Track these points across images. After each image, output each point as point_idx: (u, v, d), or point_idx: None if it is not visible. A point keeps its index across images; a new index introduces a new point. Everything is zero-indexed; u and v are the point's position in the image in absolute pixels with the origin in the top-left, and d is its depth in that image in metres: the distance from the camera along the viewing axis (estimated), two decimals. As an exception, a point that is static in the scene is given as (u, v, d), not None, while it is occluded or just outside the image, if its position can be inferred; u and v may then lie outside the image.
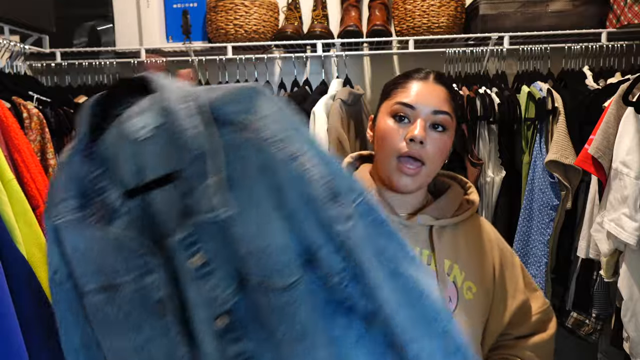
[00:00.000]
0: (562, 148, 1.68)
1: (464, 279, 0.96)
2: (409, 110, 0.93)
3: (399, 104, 0.94)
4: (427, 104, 0.93)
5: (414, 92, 0.95)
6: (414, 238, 0.96)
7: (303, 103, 1.81)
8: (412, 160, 0.93)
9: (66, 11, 2.00)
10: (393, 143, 0.93)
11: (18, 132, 1.22)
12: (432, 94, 0.95)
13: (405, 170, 0.93)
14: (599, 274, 1.60)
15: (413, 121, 0.93)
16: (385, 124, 0.96)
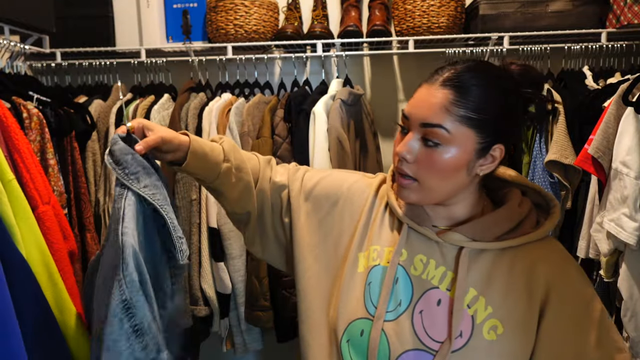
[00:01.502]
0: (562, 148, 1.68)
1: (489, 316, 0.82)
2: (406, 120, 0.84)
3: (402, 114, 0.86)
4: (418, 114, 0.81)
5: (414, 100, 0.84)
6: (442, 257, 0.86)
7: (303, 103, 1.81)
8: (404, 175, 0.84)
9: (66, 11, 2.00)
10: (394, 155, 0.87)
11: (18, 132, 1.22)
12: (427, 102, 0.81)
13: (400, 182, 0.85)
14: (599, 274, 1.60)
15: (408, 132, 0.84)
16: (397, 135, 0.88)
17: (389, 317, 0.85)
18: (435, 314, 0.84)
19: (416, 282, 0.87)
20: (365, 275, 0.89)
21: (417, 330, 0.84)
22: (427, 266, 0.87)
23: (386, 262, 0.89)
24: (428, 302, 0.85)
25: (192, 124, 1.82)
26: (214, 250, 1.78)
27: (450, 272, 0.85)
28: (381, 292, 0.86)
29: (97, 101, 1.88)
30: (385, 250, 0.90)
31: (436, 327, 0.83)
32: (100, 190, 1.80)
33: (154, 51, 2.07)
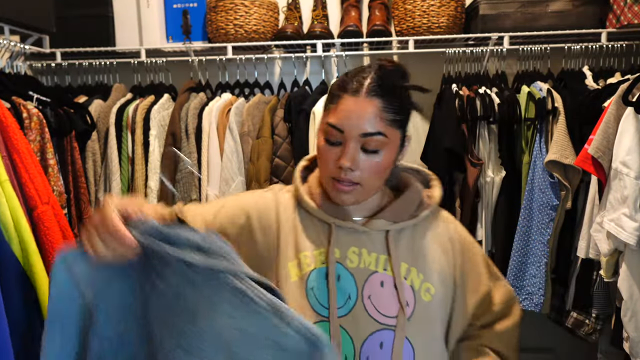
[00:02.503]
0: (562, 148, 1.68)
1: (423, 281, 0.95)
2: (337, 133, 0.88)
3: (329, 126, 0.89)
4: (356, 125, 0.87)
5: (343, 112, 0.88)
6: (371, 244, 0.95)
7: (303, 103, 1.81)
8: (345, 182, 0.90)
9: (66, 11, 2.00)
10: (327, 165, 0.91)
11: (17, 133, 1.22)
12: (362, 113, 0.87)
13: (340, 188, 0.90)
14: (599, 274, 1.60)
15: (344, 143, 0.88)
16: (319, 143, 0.92)
17: (342, 313, 0.91)
18: (382, 294, 0.93)
19: (356, 273, 0.93)
20: (303, 283, 0.93)
21: (371, 314, 0.91)
22: (361, 256, 0.94)
23: (320, 263, 0.93)
24: (372, 286, 0.93)
25: (192, 124, 1.82)
26: (213, 250, 1.78)
27: (383, 255, 0.95)
28: (329, 293, 0.91)
29: (97, 101, 1.88)
30: (315, 253, 0.94)
31: (386, 305, 0.92)
32: (100, 190, 1.80)
33: (154, 51, 2.07)
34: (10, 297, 0.93)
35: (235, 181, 1.77)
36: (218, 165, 1.79)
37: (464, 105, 1.80)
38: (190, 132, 1.81)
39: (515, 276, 1.79)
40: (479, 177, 1.79)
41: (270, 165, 1.76)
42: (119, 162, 1.80)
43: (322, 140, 0.91)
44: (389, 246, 0.95)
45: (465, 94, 1.84)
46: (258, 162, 1.76)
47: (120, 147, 1.81)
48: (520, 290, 1.79)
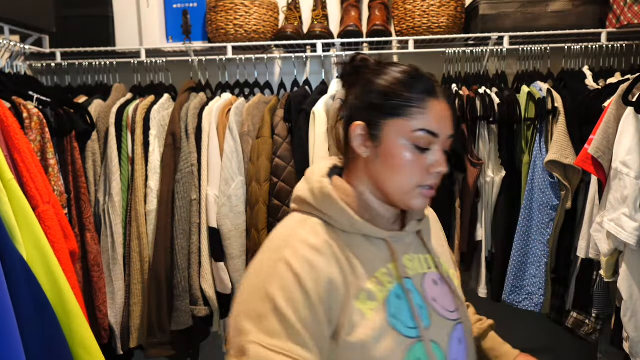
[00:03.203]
0: (562, 148, 1.68)
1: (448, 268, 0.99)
2: (432, 138, 0.85)
3: (424, 132, 0.84)
4: (447, 129, 0.87)
5: (437, 117, 0.85)
6: (411, 247, 0.94)
7: (303, 103, 1.81)
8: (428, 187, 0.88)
9: (66, 11, 2.00)
10: (414, 176, 0.86)
11: (18, 132, 1.22)
12: (449, 117, 0.87)
13: (427, 194, 0.88)
14: (599, 274, 1.60)
15: (434, 148, 0.86)
16: (402, 154, 0.85)
17: (425, 326, 0.86)
18: (441, 293, 0.93)
19: (416, 280, 0.91)
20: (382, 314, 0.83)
21: (443, 315, 0.91)
22: (413, 262, 0.93)
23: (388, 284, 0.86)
24: (430, 288, 0.92)
25: (192, 124, 1.82)
26: (214, 250, 1.79)
27: (422, 254, 0.95)
28: (412, 313, 0.86)
29: (97, 101, 1.88)
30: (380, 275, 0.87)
31: (447, 301, 0.93)
32: (100, 190, 1.80)
33: (154, 51, 2.07)
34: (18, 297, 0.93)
35: (235, 181, 1.77)
36: (218, 165, 1.79)
37: (464, 105, 1.80)
38: (190, 132, 1.81)
39: (515, 276, 1.79)
40: (479, 177, 1.79)
41: (270, 165, 1.76)
42: (119, 162, 1.80)
43: (407, 149, 0.85)
44: (426, 245, 0.96)
45: (465, 94, 1.84)
46: (258, 162, 1.76)
47: (120, 147, 1.81)
48: (520, 290, 1.80)
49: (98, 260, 1.72)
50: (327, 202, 0.88)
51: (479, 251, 1.88)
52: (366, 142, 0.89)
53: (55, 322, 1.02)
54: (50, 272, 1.06)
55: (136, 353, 1.90)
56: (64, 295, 1.07)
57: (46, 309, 1.01)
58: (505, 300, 1.82)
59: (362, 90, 0.90)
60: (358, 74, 0.92)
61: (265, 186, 1.75)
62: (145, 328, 1.76)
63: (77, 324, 1.07)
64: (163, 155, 1.80)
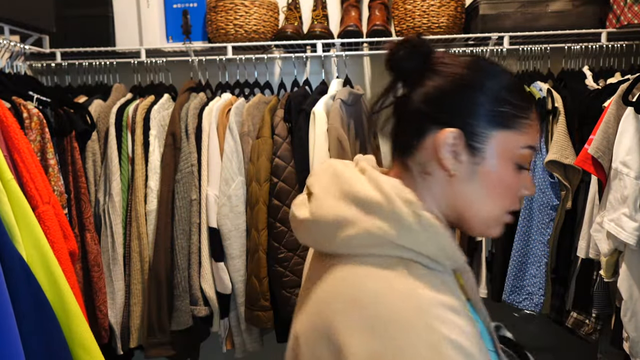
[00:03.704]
0: (562, 148, 1.68)
1: None
2: (532, 155, 0.72)
3: (530, 149, 0.71)
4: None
5: (536, 131, 0.72)
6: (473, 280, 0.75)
7: (303, 103, 1.81)
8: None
9: (66, 11, 2.00)
10: (511, 197, 0.72)
11: (18, 132, 1.22)
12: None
13: (508, 220, 0.73)
14: (599, 274, 1.60)
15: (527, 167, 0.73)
16: (507, 172, 0.70)
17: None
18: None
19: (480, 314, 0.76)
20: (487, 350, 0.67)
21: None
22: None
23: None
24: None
25: (192, 124, 1.82)
26: (214, 250, 1.79)
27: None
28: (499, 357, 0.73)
29: (97, 101, 1.88)
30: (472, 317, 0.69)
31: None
32: (100, 190, 1.80)
33: (154, 51, 2.07)
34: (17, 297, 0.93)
35: (235, 181, 1.77)
36: (218, 165, 1.79)
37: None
38: (190, 132, 1.81)
39: (515, 276, 1.79)
40: (479, 177, 1.79)
41: (270, 165, 1.76)
42: (119, 162, 1.80)
43: (512, 168, 0.70)
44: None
45: (465, 94, 1.84)
46: (258, 162, 1.76)
47: (120, 147, 1.81)
48: (520, 290, 1.80)
49: (98, 260, 1.72)
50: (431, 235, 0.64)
51: (479, 251, 1.88)
52: (461, 156, 0.69)
53: (54, 322, 1.02)
54: (49, 272, 1.06)
55: (136, 353, 1.90)
56: (64, 295, 1.07)
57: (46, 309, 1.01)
58: (505, 300, 1.82)
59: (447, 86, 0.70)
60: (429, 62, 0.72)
61: (265, 186, 1.75)
62: (145, 328, 1.76)
63: (76, 324, 1.07)
64: (163, 155, 1.80)
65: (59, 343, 1.02)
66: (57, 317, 1.04)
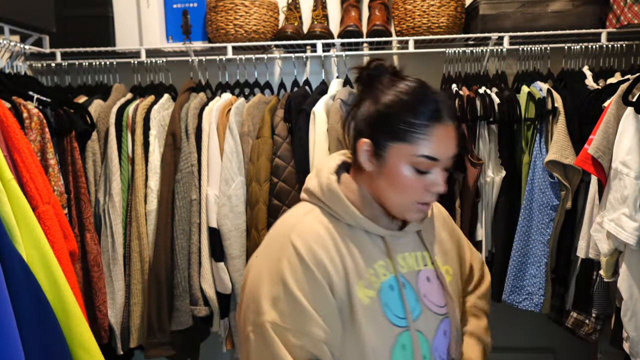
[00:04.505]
0: (561, 148, 1.68)
1: (443, 264, 1.06)
2: (431, 162, 0.91)
3: (425, 158, 0.90)
4: (449, 153, 0.92)
5: (439, 143, 0.90)
6: (410, 245, 1.02)
7: (303, 103, 1.81)
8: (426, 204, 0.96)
9: (66, 11, 2.00)
10: (414, 194, 0.93)
11: (18, 132, 1.22)
12: (451, 139, 0.92)
13: (424, 209, 0.95)
14: (599, 274, 1.60)
15: (435, 169, 0.92)
16: (404, 174, 0.92)
17: (414, 318, 0.97)
18: (432, 289, 1.02)
19: (409, 276, 1.00)
20: (377, 302, 0.94)
21: (432, 309, 1.00)
22: (406, 260, 1.01)
23: (382, 276, 0.97)
24: (423, 284, 1.01)
25: (192, 124, 1.82)
26: (214, 250, 1.78)
27: (418, 252, 1.03)
28: (403, 304, 0.96)
29: (97, 101, 1.88)
30: (376, 267, 0.97)
31: (437, 297, 1.02)
32: (100, 190, 1.80)
33: (154, 51, 2.07)
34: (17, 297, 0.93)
35: (235, 181, 1.77)
36: (218, 165, 1.79)
37: (464, 105, 1.80)
38: (190, 132, 1.81)
39: (515, 276, 1.79)
40: (479, 177, 1.79)
41: (270, 165, 1.76)
42: (119, 162, 1.80)
43: (409, 171, 0.92)
44: (424, 243, 1.04)
45: (465, 94, 1.84)
46: (258, 162, 1.76)
47: (120, 147, 1.81)
48: (520, 290, 1.80)
49: (98, 260, 1.72)
50: (333, 198, 0.97)
51: (479, 251, 1.88)
52: (371, 159, 0.95)
53: (54, 322, 1.02)
54: (49, 272, 1.06)
55: (136, 353, 1.90)
56: (64, 295, 1.07)
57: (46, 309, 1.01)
58: (505, 300, 1.82)
59: (371, 107, 0.96)
60: (372, 86, 0.97)
61: (265, 186, 1.75)
62: (145, 328, 1.76)
63: (76, 324, 1.07)
64: (163, 155, 1.80)
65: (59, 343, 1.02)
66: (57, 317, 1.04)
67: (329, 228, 0.96)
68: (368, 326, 0.91)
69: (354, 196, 0.98)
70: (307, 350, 0.89)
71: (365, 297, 0.93)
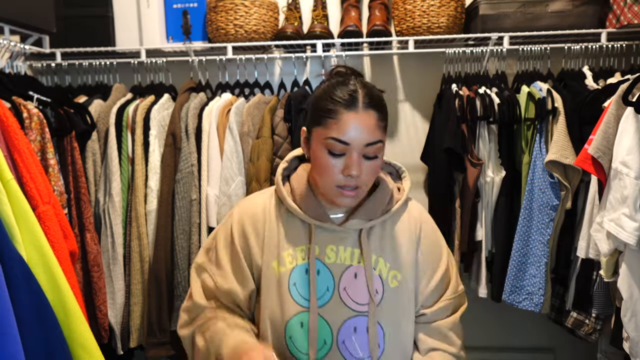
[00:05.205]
0: (561, 148, 1.68)
1: (389, 269, 1.08)
2: (342, 146, 0.97)
3: (333, 140, 0.97)
4: (360, 138, 0.96)
5: (347, 128, 0.96)
6: (347, 240, 1.07)
7: (302, 103, 1.81)
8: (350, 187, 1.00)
9: (66, 11, 2.00)
10: (330, 176, 0.99)
11: (18, 132, 1.22)
12: (364, 125, 0.96)
13: (347, 194, 1.00)
14: (599, 274, 1.60)
15: (348, 153, 0.97)
16: (321, 156, 0.99)
17: (321, 303, 1.05)
18: (356, 285, 1.06)
19: (333, 267, 1.06)
20: (286, 278, 1.06)
21: (347, 303, 1.05)
22: (338, 252, 1.07)
23: (302, 260, 1.06)
24: (348, 279, 1.06)
25: (192, 124, 1.82)
26: (214, 250, 1.78)
27: (357, 249, 1.07)
28: (310, 286, 1.04)
29: (97, 101, 1.88)
30: (297, 250, 1.07)
31: (359, 294, 1.05)
32: (100, 190, 1.80)
33: (154, 51, 2.07)
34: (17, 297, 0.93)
35: (235, 181, 1.77)
36: (218, 165, 1.79)
37: (464, 105, 1.80)
38: (190, 132, 1.82)
39: (515, 276, 1.79)
40: (479, 177, 1.79)
41: (270, 166, 1.76)
42: (119, 162, 1.80)
43: (324, 153, 0.99)
44: (361, 242, 1.07)
45: (465, 94, 1.84)
46: (258, 162, 1.76)
47: (120, 147, 1.81)
48: (520, 290, 1.80)
49: (98, 260, 1.72)
50: (277, 185, 1.11)
51: (479, 251, 1.88)
52: (305, 145, 1.07)
53: (54, 322, 1.02)
54: (49, 272, 1.06)
55: (136, 353, 1.90)
56: (64, 295, 1.07)
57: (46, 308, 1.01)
58: (505, 300, 1.82)
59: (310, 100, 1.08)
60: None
61: (265, 186, 1.75)
62: (145, 328, 1.76)
63: (76, 324, 1.07)
64: (163, 155, 1.80)
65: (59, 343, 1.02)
66: (57, 317, 1.04)
67: (266, 207, 1.11)
68: (272, 295, 1.05)
69: (297, 185, 1.09)
70: (214, 292, 1.08)
71: (276, 271, 1.06)
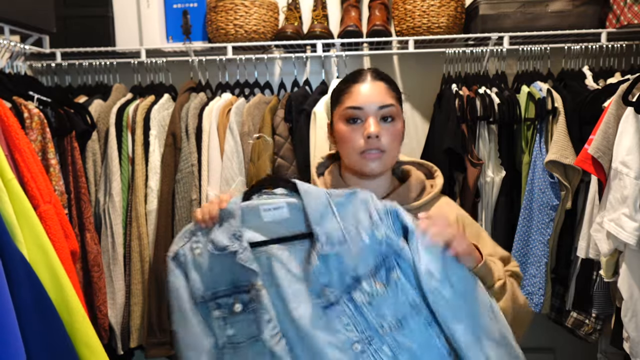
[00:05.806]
0: (561, 148, 1.69)
1: None
2: (358, 112, 1.08)
3: (349, 109, 1.08)
4: (373, 102, 1.07)
5: (359, 95, 1.08)
6: None
7: (303, 103, 1.81)
8: (373, 150, 1.07)
9: (66, 11, 2.00)
10: (353, 143, 1.08)
11: (19, 132, 1.22)
12: (374, 91, 1.08)
13: (369, 157, 1.07)
14: (599, 274, 1.60)
15: (365, 120, 1.07)
16: (342, 129, 1.10)
17: None
18: None
19: None
20: None
21: None
22: None
23: None
24: None
25: (193, 124, 1.82)
26: (214, 250, 1.78)
27: None
28: None
29: (97, 101, 1.88)
30: None
31: None
32: (100, 190, 1.80)
33: (154, 51, 2.07)
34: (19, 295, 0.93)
35: (235, 181, 1.77)
36: (218, 165, 1.79)
37: (464, 105, 1.80)
38: (190, 132, 1.81)
39: (515, 276, 1.79)
40: (479, 177, 1.80)
41: (271, 166, 1.76)
42: (119, 162, 1.80)
43: (344, 125, 1.09)
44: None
45: (465, 94, 1.85)
46: (258, 162, 1.76)
47: (120, 147, 1.81)
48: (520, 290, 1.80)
49: (98, 260, 1.72)
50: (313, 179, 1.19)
51: (479, 251, 1.88)
52: (330, 135, 1.17)
53: (57, 320, 1.02)
54: (52, 270, 1.06)
55: (136, 353, 1.90)
56: (66, 293, 1.07)
57: (48, 307, 1.01)
58: (505, 300, 1.82)
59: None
60: None
61: (265, 186, 1.74)
62: (145, 328, 1.76)
63: (80, 323, 1.07)
64: (163, 155, 1.80)
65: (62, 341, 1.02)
66: (60, 316, 1.04)
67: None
68: None
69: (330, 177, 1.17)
70: None
71: None
